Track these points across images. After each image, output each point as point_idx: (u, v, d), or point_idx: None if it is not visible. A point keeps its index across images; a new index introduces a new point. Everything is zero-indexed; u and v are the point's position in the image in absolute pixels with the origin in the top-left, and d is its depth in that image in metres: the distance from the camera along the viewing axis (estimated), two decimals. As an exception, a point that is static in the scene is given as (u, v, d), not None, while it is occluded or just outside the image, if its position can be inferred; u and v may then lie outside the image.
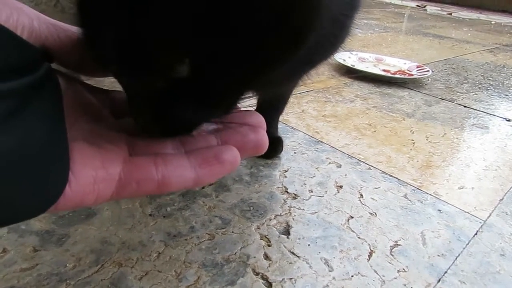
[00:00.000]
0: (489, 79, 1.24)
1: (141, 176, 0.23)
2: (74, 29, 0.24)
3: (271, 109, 0.62)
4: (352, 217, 0.49)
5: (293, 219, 0.48)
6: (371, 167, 0.62)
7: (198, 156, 0.25)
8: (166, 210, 0.47)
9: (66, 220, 0.44)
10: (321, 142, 0.69)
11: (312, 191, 0.54)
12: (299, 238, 0.45)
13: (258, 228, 0.46)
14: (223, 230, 0.45)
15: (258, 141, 0.28)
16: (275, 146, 0.62)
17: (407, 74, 1.14)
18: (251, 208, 0.49)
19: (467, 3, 3.69)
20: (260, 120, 0.30)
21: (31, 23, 0.22)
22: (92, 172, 0.21)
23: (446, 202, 0.55)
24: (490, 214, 0.53)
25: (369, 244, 0.45)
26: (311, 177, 0.57)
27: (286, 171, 0.58)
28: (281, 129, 0.72)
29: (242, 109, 0.30)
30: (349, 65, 1.13)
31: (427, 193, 0.56)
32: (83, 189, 0.21)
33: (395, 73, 1.14)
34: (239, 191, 0.52)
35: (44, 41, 0.23)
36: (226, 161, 0.25)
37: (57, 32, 0.24)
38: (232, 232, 0.45)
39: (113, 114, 0.28)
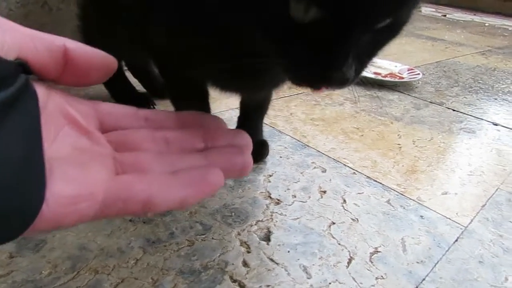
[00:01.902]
0: (480, 82, 1.25)
1: (127, 195, 0.22)
2: (54, 38, 0.24)
3: (255, 112, 0.62)
4: (334, 223, 0.49)
5: (275, 225, 0.48)
6: (356, 172, 0.62)
7: (185, 176, 0.24)
8: (146, 215, 0.47)
9: (45, 225, 0.43)
10: (308, 146, 0.69)
11: (295, 196, 0.54)
12: (279, 245, 0.45)
13: (239, 234, 0.46)
14: (203, 236, 0.45)
15: (245, 164, 0.27)
16: (261, 150, 0.62)
17: (398, 77, 1.14)
18: (233, 213, 0.49)
19: (462, 4, 3.71)
20: (248, 141, 0.30)
21: (2, 35, 0.21)
22: (73, 191, 0.20)
23: (429, 208, 0.55)
24: (472, 220, 0.53)
25: (349, 251, 0.45)
26: (295, 182, 0.57)
27: (270, 176, 0.58)
28: (268, 132, 0.72)
29: (229, 129, 0.31)
30: (340, 67, 1.13)
31: (410, 199, 0.57)
32: (62, 209, 0.20)
33: (386, 76, 1.14)
34: (222, 196, 0.52)
35: (19, 53, 0.22)
36: (212, 183, 0.24)
37: (34, 43, 0.23)
38: (212, 238, 0.45)
39: (100, 127, 0.27)
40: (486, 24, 2.85)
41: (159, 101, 0.77)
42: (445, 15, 3.10)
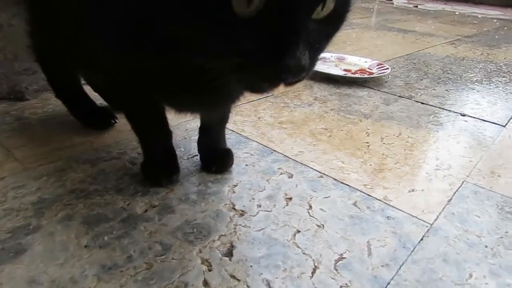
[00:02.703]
0: (448, 73, 1.26)
1: None
2: None
3: (217, 122, 0.60)
4: (299, 231, 0.49)
5: (238, 238, 0.47)
6: (323, 175, 0.61)
7: None
8: (103, 239, 0.45)
9: (-7, 259, 0.41)
10: (275, 151, 0.68)
11: (260, 206, 0.53)
12: (241, 260, 0.44)
13: (200, 251, 0.44)
14: (163, 257, 0.43)
15: None
16: (225, 160, 0.61)
17: (368, 73, 1.14)
18: (195, 230, 0.48)
19: (433, -6, 3.76)
20: None
21: None
22: None
23: (395, 208, 0.55)
24: (438, 217, 0.53)
25: (313, 260, 0.44)
26: (261, 191, 0.56)
27: (235, 186, 0.57)
28: (234, 140, 0.71)
29: None
30: (309, 66, 1.12)
31: (377, 199, 0.56)
32: None
33: (355, 73, 1.14)
34: (183, 212, 0.51)
35: None
36: None
37: None
38: (172, 258, 0.43)
39: None
40: (457, 13, 2.90)
41: (121, 115, 0.75)
42: (416, 6, 3.14)
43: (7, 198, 0.50)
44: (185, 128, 0.74)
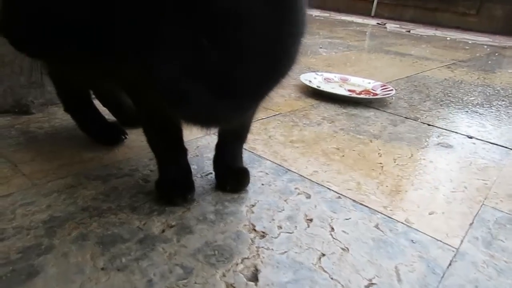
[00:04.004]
0: (449, 96, 1.28)
1: None
2: None
3: (234, 139, 0.59)
4: (324, 255, 0.47)
5: (262, 261, 0.45)
6: (341, 196, 0.60)
7: None
8: (121, 261, 0.42)
9: (4, 282, 0.38)
10: (289, 170, 0.66)
11: (281, 227, 0.51)
12: (268, 285, 0.41)
13: (224, 275, 0.42)
14: (185, 281, 0.41)
15: None
16: (241, 179, 0.59)
17: (372, 94, 1.15)
18: (216, 252, 0.45)
19: (423, 20, 3.89)
20: None
21: None
22: None
23: (418, 230, 0.53)
24: (462, 241, 0.52)
25: (342, 285, 0.42)
26: (280, 211, 0.55)
27: (253, 206, 0.55)
28: (248, 158, 0.69)
29: None
30: (315, 86, 1.13)
31: (399, 222, 0.55)
32: None
33: (360, 93, 1.15)
34: (202, 233, 0.49)
35: None
36: None
37: None
38: (195, 283, 0.41)
39: None
40: (448, 39, 2.99)
41: (130, 130, 0.73)
42: (409, 31, 3.22)
43: (16, 215, 0.48)
44: (196, 145, 0.72)
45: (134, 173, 0.61)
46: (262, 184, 0.61)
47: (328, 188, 0.62)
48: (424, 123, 0.98)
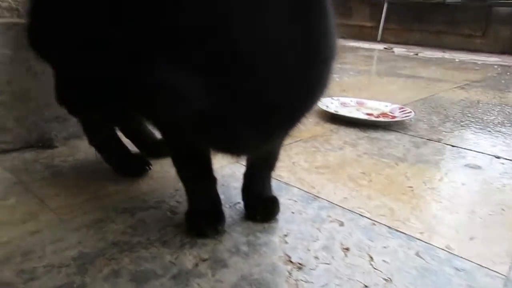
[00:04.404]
0: (469, 116, 1.26)
1: None
2: None
3: (263, 167, 0.58)
4: (366, 287, 0.44)
5: (302, 295, 0.42)
6: (375, 223, 0.58)
7: None
8: None
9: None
10: (318, 197, 0.65)
11: (318, 258, 0.49)
12: (312, 321, 0.39)
13: (264, 312, 0.40)
14: (225, 319, 0.38)
15: None
16: (271, 207, 0.57)
17: (390, 117, 1.14)
18: (254, 286, 0.43)
19: (429, 43, 3.92)
20: None
21: None
22: None
23: (461, 257, 0.50)
24: (510, 268, 0.49)
25: (391, 320, 0.39)
26: (314, 241, 0.52)
27: (286, 236, 0.53)
28: (274, 185, 0.67)
29: None
30: (332, 111, 1.13)
31: (439, 248, 0.52)
32: None
33: (378, 116, 1.14)
34: (237, 266, 0.46)
35: None
36: None
37: None
38: (235, 320, 0.38)
39: None
40: (457, 60, 3.00)
41: (153, 161, 0.73)
42: (417, 54, 3.25)
43: (45, 253, 0.46)
44: (221, 174, 0.71)
45: (161, 205, 0.59)
46: (292, 213, 0.59)
47: (361, 215, 0.60)
48: (447, 144, 0.96)
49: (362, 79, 1.87)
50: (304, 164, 0.79)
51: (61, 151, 0.76)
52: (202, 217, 0.53)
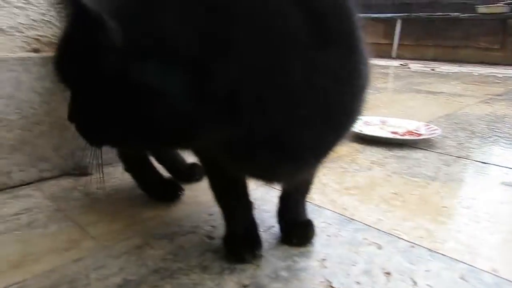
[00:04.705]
0: (496, 131, 1.24)
1: None
2: None
3: (298, 192, 0.58)
4: (413, 313, 0.43)
5: (348, 322, 0.42)
6: (414, 245, 0.57)
7: None
8: None
9: None
10: (353, 219, 0.64)
11: (359, 283, 0.48)
12: None
13: None
14: None
15: None
16: (307, 231, 0.57)
17: (416, 134, 1.13)
18: (298, 313, 0.43)
19: (445, 58, 3.90)
20: None
21: None
22: None
23: (509, 281, 0.49)
24: None
25: None
26: (353, 265, 0.52)
27: (324, 260, 0.53)
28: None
29: None
30: (357, 130, 1.12)
31: (484, 271, 0.51)
32: None
33: (404, 134, 1.13)
34: (279, 292, 0.46)
35: None
36: None
37: None
38: None
39: None
40: (476, 74, 2.96)
41: (186, 185, 0.74)
42: (433, 69, 3.23)
43: (90, 280, 0.47)
44: (252, 197, 0.71)
45: (197, 230, 0.60)
46: (328, 236, 0.59)
47: (398, 237, 0.59)
48: (477, 161, 0.95)
49: (381, 97, 1.87)
50: (334, 185, 0.78)
51: (96, 178, 0.78)
52: (240, 242, 0.53)
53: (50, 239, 0.57)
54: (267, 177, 0.48)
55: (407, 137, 1.11)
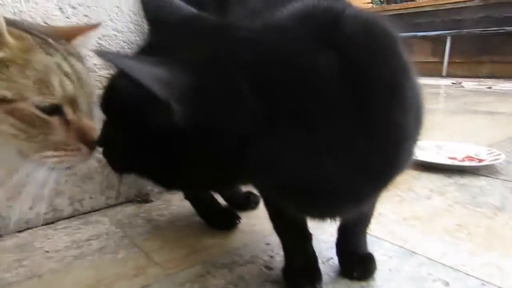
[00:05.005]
0: None
1: None
2: None
3: (358, 223, 0.57)
4: None
5: None
6: (485, 283, 0.53)
7: None
8: None
9: None
10: (415, 253, 0.62)
11: (428, 323, 0.46)
12: None
13: None
14: None
15: None
16: (369, 265, 0.56)
17: (477, 160, 1.07)
18: None
19: (503, 75, 3.68)
20: None
21: None
22: None
23: None
24: None
25: None
26: (420, 303, 0.50)
27: (388, 296, 0.51)
28: (365, 240, 0.66)
29: None
30: (411, 156, 1.09)
31: None
32: None
33: (463, 160, 1.08)
34: (343, 329, 0.45)
35: None
36: None
37: None
38: None
39: None
40: (539, 91, 2.77)
41: (242, 213, 0.76)
42: (490, 87, 3.06)
43: (158, 308, 0.50)
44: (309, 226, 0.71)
45: (255, 260, 0.61)
46: (390, 270, 0.57)
47: (466, 274, 0.56)
48: (550, 189, 0.87)
49: (435, 119, 1.80)
50: (391, 215, 0.76)
51: (157, 205, 0.83)
52: (299, 274, 0.53)
53: (119, 265, 0.60)
54: (327, 215, 0.48)
55: (467, 163, 1.05)
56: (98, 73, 0.82)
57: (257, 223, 0.73)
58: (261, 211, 0.56)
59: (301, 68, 0.36)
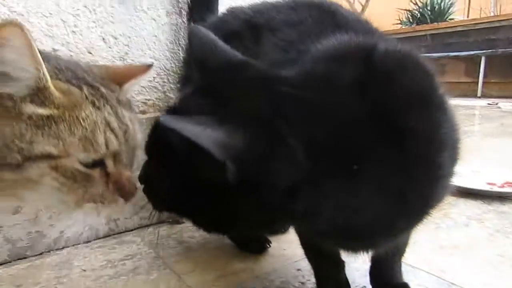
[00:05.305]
0: None
1: None
2: None
3: (392, 253, 0.56)
4: None
5: None
6: (533, 320, 0.50)
7: None
8: None
9: None
10: (453, 284, 0.59)
11: None
12: None
13: None
14: None
15: None
16: (404, 296, 0.54)
17: (518, 186, 1.02)
18: None
19: (544, 94, 3.51)
20: None
21: None
22: None
23: None
24: None
25: None
26: None
27: (426, 330, 0.49)
28: (399, 268, 0.64)
29: None
30: (446, 181, 1.05)
31: None
32: None
33: (503, 186, 1.03)
34: None
35: None
36: None
37: None
38: None
39: None
40: None
41: (272, 237, 0.75)
42: (529, 108, 2.92)
43: (190, 331, 0.50)
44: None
45: (286, 286, 0.60)
46: (427, 302, 0.55)
47: (511, 309, 0.52)
48: None
49: (470, 142, 1.73)
50: (426, 243, 0.73)
51: (188, 227, 0.84)
52: (331, 302, 0.52)
53: (152, 286, 0.61)
54: (356, 251, 0.48)
55: (507, 189, 1.00)
56: (136, 99, 0.87)
57: (288, 248, 0.72)
58: (292, 234, 0.56)
59: (343, 122, 0.37)
